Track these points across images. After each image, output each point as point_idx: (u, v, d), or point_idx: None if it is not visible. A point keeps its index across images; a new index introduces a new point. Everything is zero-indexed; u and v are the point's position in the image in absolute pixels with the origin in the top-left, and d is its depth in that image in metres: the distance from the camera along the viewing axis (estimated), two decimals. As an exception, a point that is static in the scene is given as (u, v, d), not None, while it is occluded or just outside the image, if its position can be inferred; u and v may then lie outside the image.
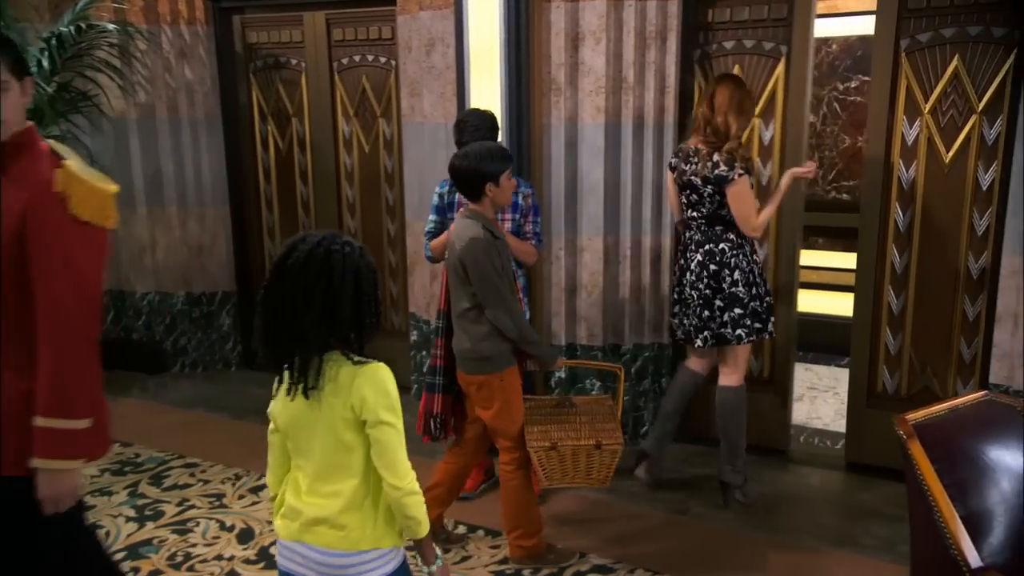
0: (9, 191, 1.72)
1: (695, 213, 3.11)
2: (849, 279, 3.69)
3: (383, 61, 4.40)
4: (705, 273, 3.06)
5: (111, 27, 4.26)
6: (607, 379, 3.75)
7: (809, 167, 3.11)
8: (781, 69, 3.52)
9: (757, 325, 3.08)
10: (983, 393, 2.26)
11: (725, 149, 2.97)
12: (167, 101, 4.65)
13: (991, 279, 3.20)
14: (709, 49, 3.63)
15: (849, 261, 4.95)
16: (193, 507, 3.34)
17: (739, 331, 3.06)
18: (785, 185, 3.10)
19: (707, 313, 3.08)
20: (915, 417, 2.09)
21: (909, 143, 3.30)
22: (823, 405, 4.26)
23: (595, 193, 3.65)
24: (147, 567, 2.91)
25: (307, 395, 1.60)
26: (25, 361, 1.75)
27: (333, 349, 1.62)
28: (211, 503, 3.37)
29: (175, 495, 3.44)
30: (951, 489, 1.91)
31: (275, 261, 1.62)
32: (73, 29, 4.10)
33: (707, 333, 3.09)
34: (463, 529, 3.15)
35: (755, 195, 3.13)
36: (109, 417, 1.89)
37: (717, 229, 3.07)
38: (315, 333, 1.58)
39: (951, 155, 3.24)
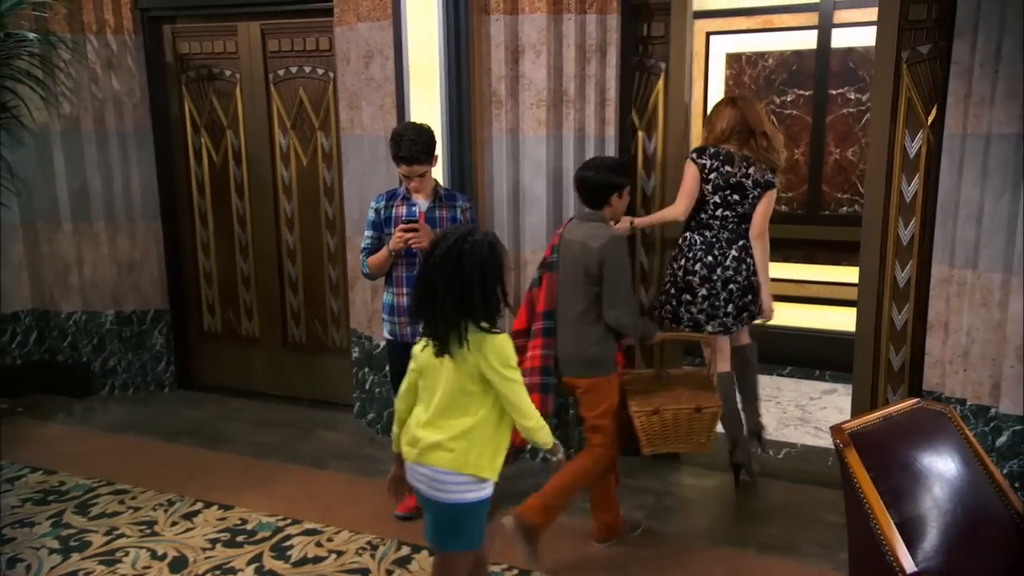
0: None
1: (730, 212, 3.31)
2: (801, 289, 3.73)
3: (321, 73, 4.32)
4: (743, 266, 3.31)
5: (31, 36, 4.08)
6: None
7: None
8: (660, 84, 3.66)
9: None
10: (915, 401, 2.31)
11: (772, 158, 3.29)
12: (93, 113, 4.48)
13: (917, 287, 3.30)
14: (648, 63, 3.67)
15: (799, 272, 5.09)
16: (122, 536, 3.19)
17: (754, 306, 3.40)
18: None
19: (749, 297, 3.34)
20: (851, 426, 2.13)
21: (911, 156, 3.31)
22: (765, 414, 4.32)
23: (538, 206, 3.64)
24: (71, 603, 2.77)
25: (440, 355, 2.05)
26: None
27: (468, 321, 2.04)
28: (142, 531, 3.23)
29: (103, 524, 3.28)
30: (886, 496, 1.95)
31: (424, 256, 2.11)
32: (-10, 38, 3.93)
33: (746, 314, 3.37)
34: (407, 550, 3.08)
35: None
36: None
37: (744, 227, 3.34)
38: (453, 313, 2.03)
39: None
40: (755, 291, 3.36)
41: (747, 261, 3.33)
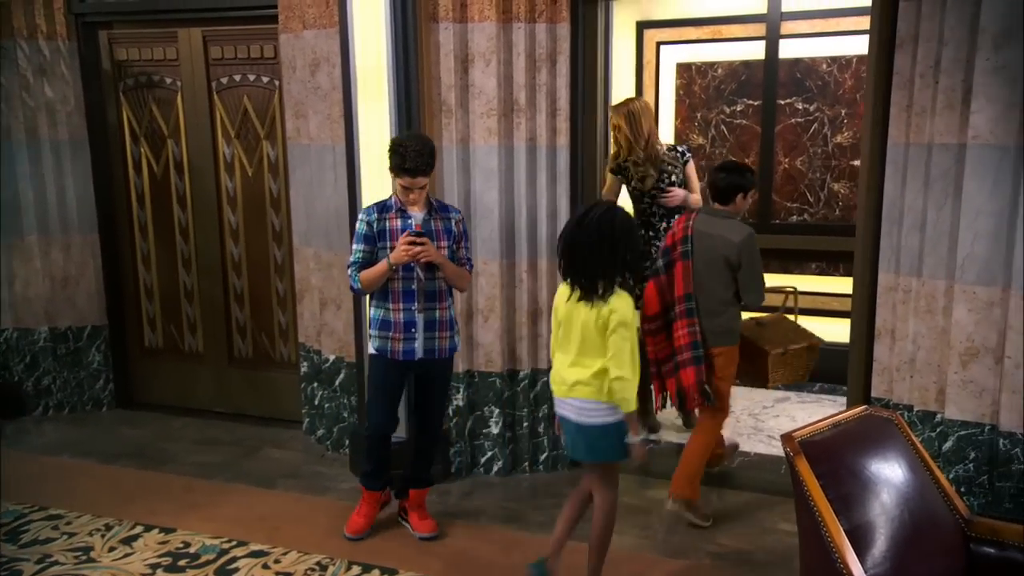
0: None
1: None
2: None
3: (266, 81, 4.22)
4: None
5: (-43, 41, 3.91)
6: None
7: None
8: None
9: None
10: (863, 408, 2.34)
11: None
12: (25, 122, 4.31)
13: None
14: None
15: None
16: (56, 563, 3.05)
17: None
18: None
19: None
20: (801, 434, 2.14)
21: None
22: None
23: (489, 216, 3.60)
24: (-4, 639, 2.62)
25: (584, 301, 2.53)
26: None
27: (608, 276, 2.51)
28: (77, 558, 3.09)
29: (35, 551, 3.13)
30: (836, 503, 1.97)
31: (576, 220, 2.57)
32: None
33: None
34: (358, 569, 2.99)
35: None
36: None
37: None
38: (599, 271, 2.51)
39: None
40: None
41: None
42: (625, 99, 3.93)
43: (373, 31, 3.40)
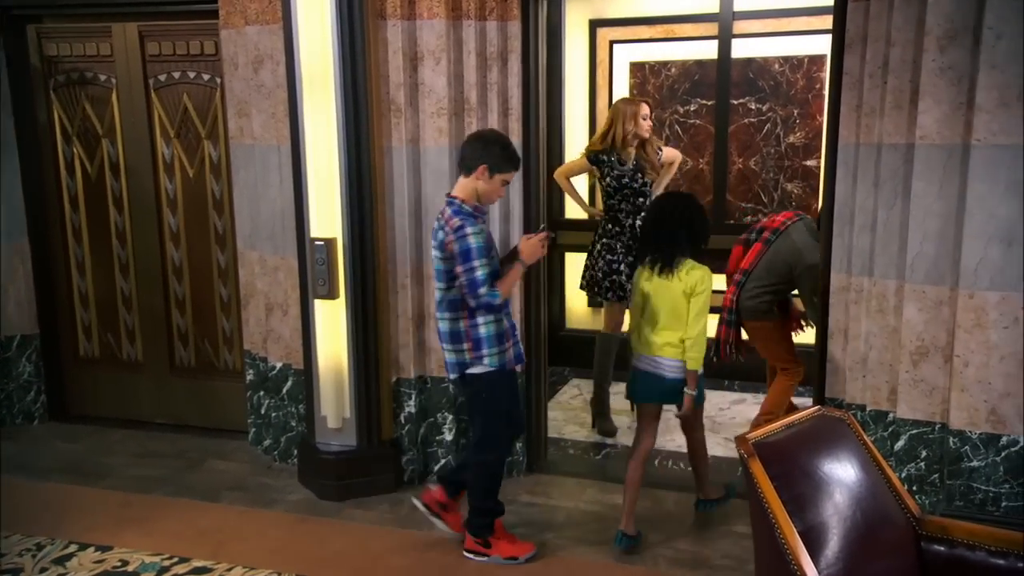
0: None
1: None
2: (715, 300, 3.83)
3: (207, 78, 4.08)
4: None
5: None
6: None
7: None
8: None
9: None
10: (816, 408, 2.33)
11: None
12: (-54, 121, 4.08)
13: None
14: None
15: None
16: (-19, 589, 2.89)
17: None
18: None
19: None
20: (755, 436, 2.13)
21: None
22: (675, 429, 4.31)
23: (440, 218, 3.51)
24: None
25: (663, 275, 3.03)
26: None
27: (687, 252, 3.04)
28: (4, 582, 2.93)
29: (-44, 578, 2.96)
30: (790, 504, 1.96)
31: (654, 209, 3.28)
32: None
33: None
34: None
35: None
36: None
37: None
38: (677, 249, 3.02)
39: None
40: None
41: None
42: (638, 98, 4.33)
43: (318, 27, 3.30)
